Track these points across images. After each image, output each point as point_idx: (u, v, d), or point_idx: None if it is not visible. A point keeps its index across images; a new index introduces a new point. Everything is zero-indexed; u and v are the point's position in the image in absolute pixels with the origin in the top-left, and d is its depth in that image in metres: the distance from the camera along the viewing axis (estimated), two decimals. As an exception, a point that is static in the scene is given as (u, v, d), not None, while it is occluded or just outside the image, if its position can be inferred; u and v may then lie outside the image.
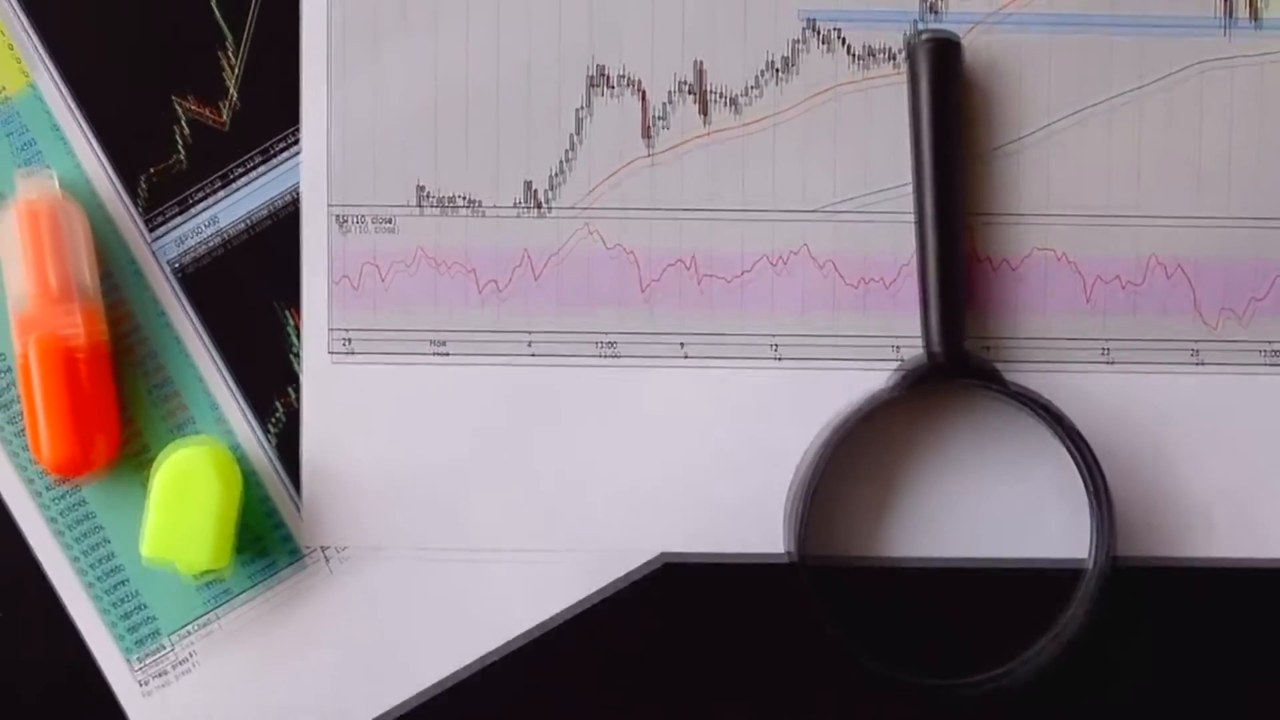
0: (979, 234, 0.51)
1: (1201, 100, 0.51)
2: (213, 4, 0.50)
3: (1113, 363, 0.51)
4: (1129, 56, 0.51)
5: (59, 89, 0.50)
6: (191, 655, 0.50)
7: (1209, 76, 0.51)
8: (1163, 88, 0.51)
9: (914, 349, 0.50)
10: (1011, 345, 0.51)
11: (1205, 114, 0.51)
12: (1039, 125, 0.51)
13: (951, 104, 0.50)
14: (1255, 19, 0.51)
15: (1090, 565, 0.50)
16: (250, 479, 0.51)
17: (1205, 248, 0.51)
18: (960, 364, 0.50)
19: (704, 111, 0.51)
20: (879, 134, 0.51)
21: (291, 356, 0.50)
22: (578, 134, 0.50)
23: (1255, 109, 0.51)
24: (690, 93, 0.51)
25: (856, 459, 0.50)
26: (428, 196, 0.50)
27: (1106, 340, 0.51)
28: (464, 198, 0.50)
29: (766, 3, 0.50)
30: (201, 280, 0.51)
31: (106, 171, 0.50)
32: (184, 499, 0.48)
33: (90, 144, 0.50)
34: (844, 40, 0.51)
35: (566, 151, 0.50)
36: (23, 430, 0.49)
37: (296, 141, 0.50)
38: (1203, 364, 0.51)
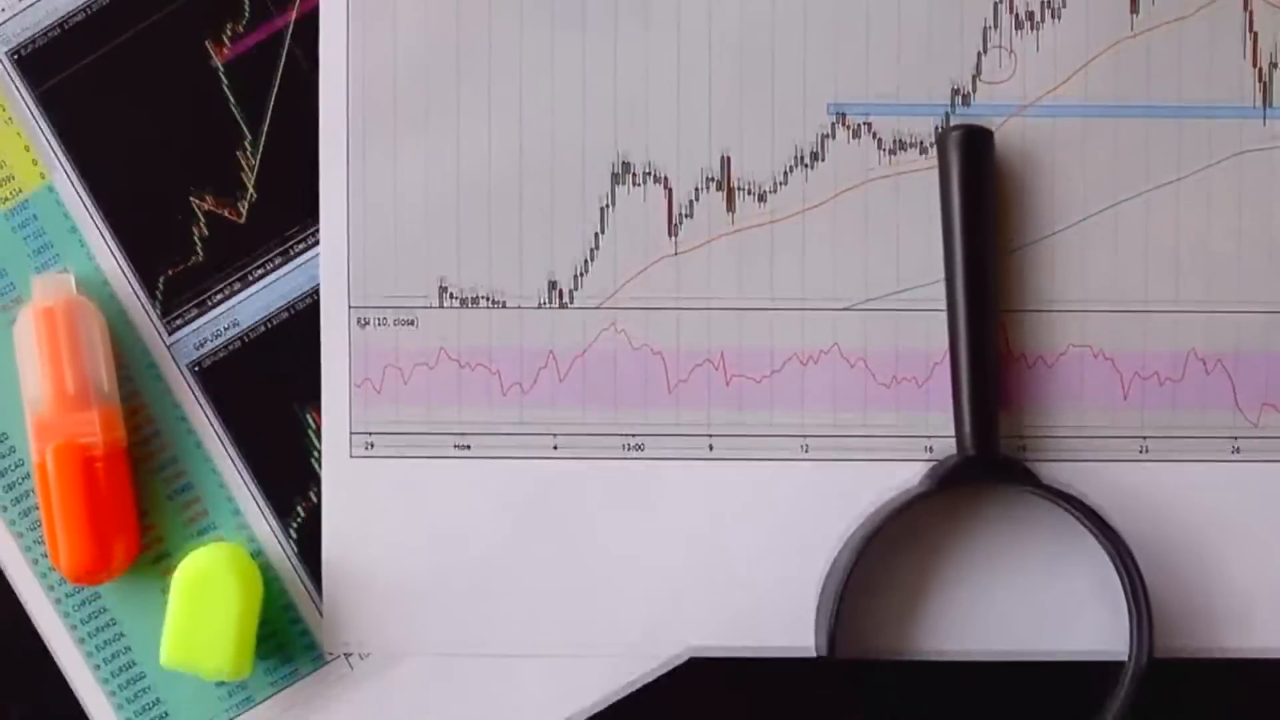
0: (1013, 329, 0.50)
1: (1241, 188, 0.50)
2: (230, 100, 0.49)
3: (1150, 456, 0.50)
4: (1166, 145, 0.50)
5: (76, 187, 0.49)
6: (212, 761, 0.50)
7: (1248, 163, 0.50)
8: (1201, 176, 0.50)
9: (947, 445, 0.49)
10: (1046, 441, 0.50)
11: (1245, 202, 0.50)
12: (1074, 218, 0.50)
13: (983, 197, 0.49)
14: (1295, 106, 0.50)
15: (1129, 661, 0.49)
16: (271, 582, 0.50)
17: (1246, 341, 0.50)
18: (993, 464, 0.48)
19: (731, 205, 0.50)
20: (910, 227, 0.50)
21: (312, 457, 0.49)
22: (602, 229, 0.49)
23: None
24: (717, 186, 0.50)
25: (889, 556, 0.49)
26: (450, 293, 0.49)
27: (1144, 435, 0.50)
28: (487, 294, 0.50)
29: (794, 94, 0.49)
30: (220, 380, 0.50)
31: (124, 270, 0.49)
32: (203, 605, 0.47)
33: (107, 243, 0.49)
34: (873, 131, 0.50)
35: (591, 247, 0.49)
36: (41, 533, 0.49)
37: (316, 239, 0.49)
38: (1242, 457, 0.50)
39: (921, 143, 0.50)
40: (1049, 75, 0.50)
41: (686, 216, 0.50)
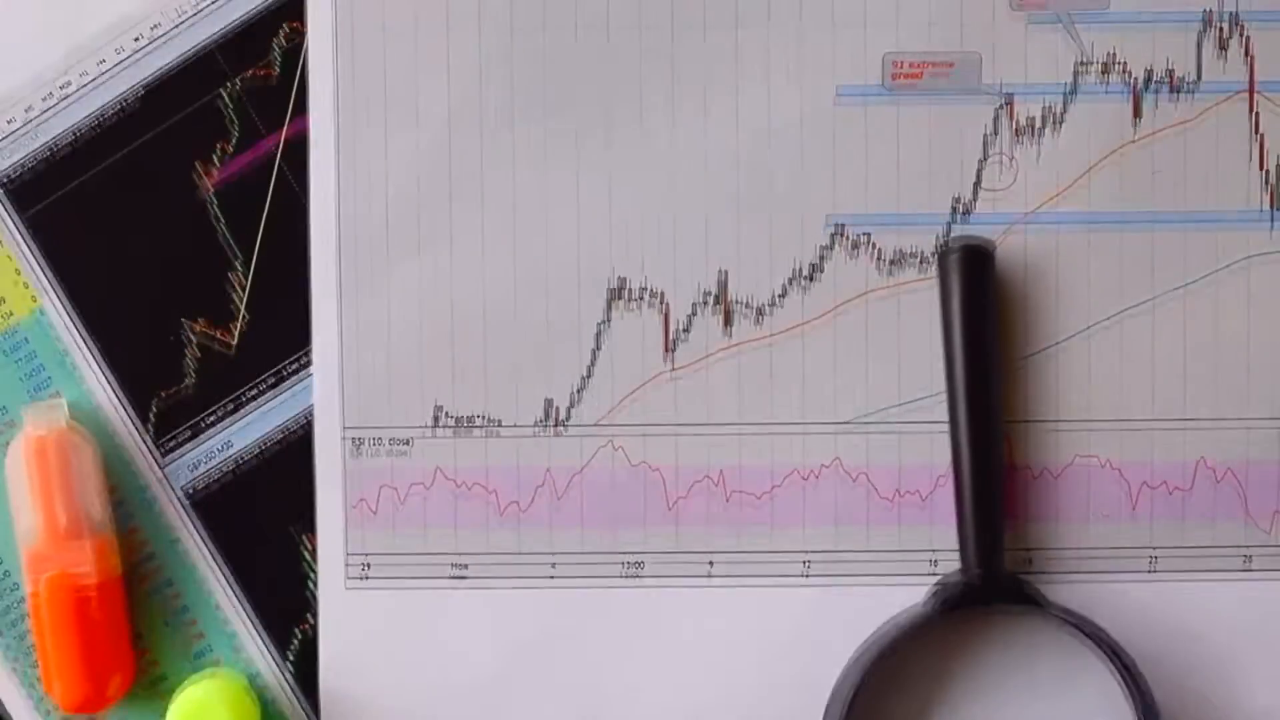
0: (1018, 442, 0.49)
1: (1249, 296, 0.49)
2: (220, 224, 0.49)
3: (1159, 571, 0.49)
4: (1172, 254, 0.49)
5: (67, 314, 0.49)
6: None
7: (1256, 270, 0.49)
8: (1208, 284, 0.49)
9: (952, 562, 0.48)
10: (1053, 556, 0.49)
11: (1253, 310, 0.49)
12: (1078, 328, 0.49)
13: (985, 312, 0.48)
14: (1303, 211, 0.49)
15: (1140, 781, 0.48)
16: (268, 709, 0.49)
17: (1257, 450, 0.49)
18: (998, 586, 0.48)
19: (728, 323, 0.49)
20: (910, 341, 0.49)
21: (309, 582, 0.49)
22: (598, 349, 0.49)
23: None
24: (714, 304, 0.49)
25: (893, 680, 0.48)
26: (445, 416, 0.49)
27: (1153, 549, 0.49)
28: (482, 417, 0.49)
29: (792, 210, 0.49)
30: (215, 506, 0.49)
31: (116, 397, 0.49)
32: (200, 738, 0.47)
33: (99, 369, 0.49)
34: (873, 245, 0.49)
35: (587, 367, 0.49)
36: (36, 660, 0.48)
37: (309, 363, 0.49)
38: (1254, 570, 0.49)
39: (922, 255, 0.49)
40: (1051, 184, 0.49)
41: (683, 335, 0.49)
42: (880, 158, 0.49)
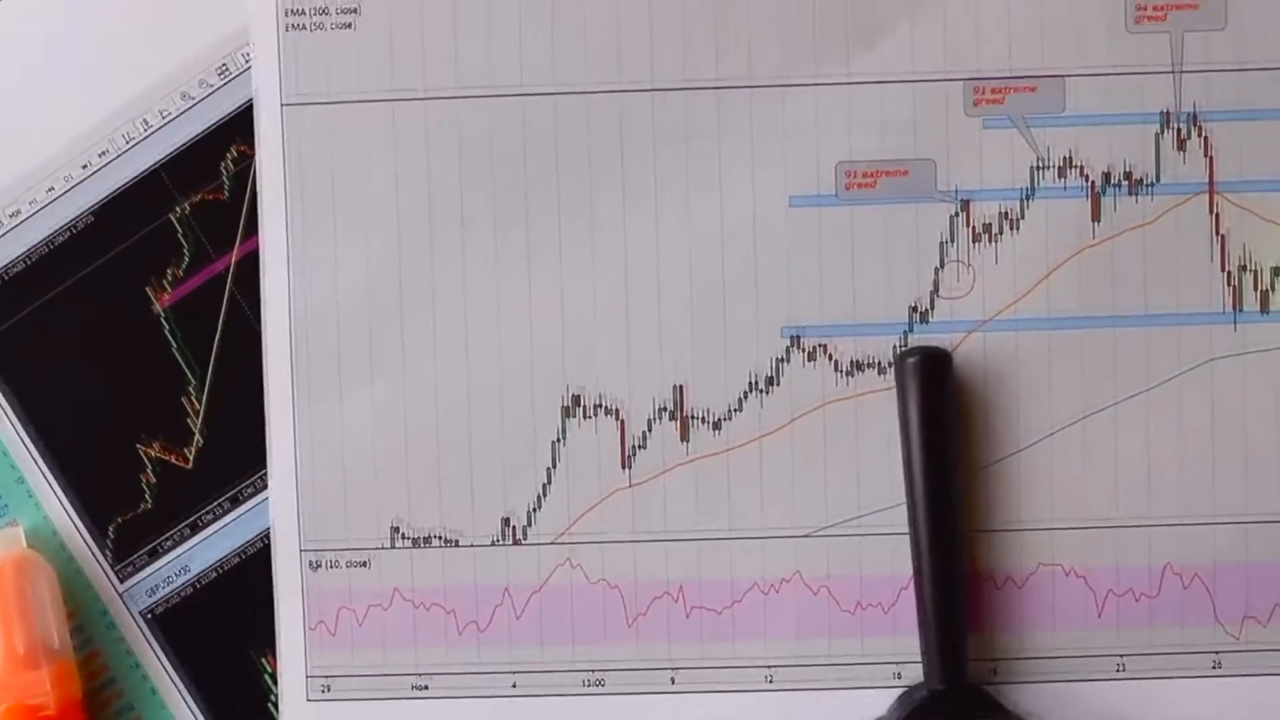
0: (980, 550, 0.48)
1: (1212, 396, 0.48)
2: (173, 345, 0.48)
3: (1127, 674, 0.48)
4: (1134, 356, 0.48)
5: (22, 437, 0.49)
6: None
7: (1219, 371, 0.48)
8: (1171, 385, 0.48)
9: (916, 671, 0.48)
10: (1019, 663, 0.48)
11: (1217, 410, 0.48)
12: (1041, 433, 0.48)
13: (943, 420, 0.47)
14: (1265, 309, 0.48)
15: None
16: (232, 830, 0.49)
17: (1224, 552, 0.48)
18: (962, 696, 0.47)
19: (685, 435, 0.48)
20: (870, 450, 0.48)
21: (270, 702, 0.49)
22: (554, 463, 0.48)
23: (1270, 402, 0.48)
24: (670, 416, 0.48)
25: (859, 791, 0.48)
26: (402, 534, 0.49)
27: (1120, 654, 0.48)
28: (440, 534, 0.49)
29: (748, 319, 0.48)
30: (175, 628, 0.49)
31: (74, 521, 0.49)
32: None
33: (56, 492, 0.49)
34: (830, 353, 0.48)
35: (543, 482, 0.48)
36: (1, 783, 0.48)
37: (265, 482, 0.48)
38: (1224, 672, 0.48)
39: (880, 363, 0.48)
40: (1009, 288, 0.48)
41: (640, 448, 0.49)
42: (836, 265, 0.48)
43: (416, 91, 0.48)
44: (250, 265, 0.48)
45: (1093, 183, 0.48)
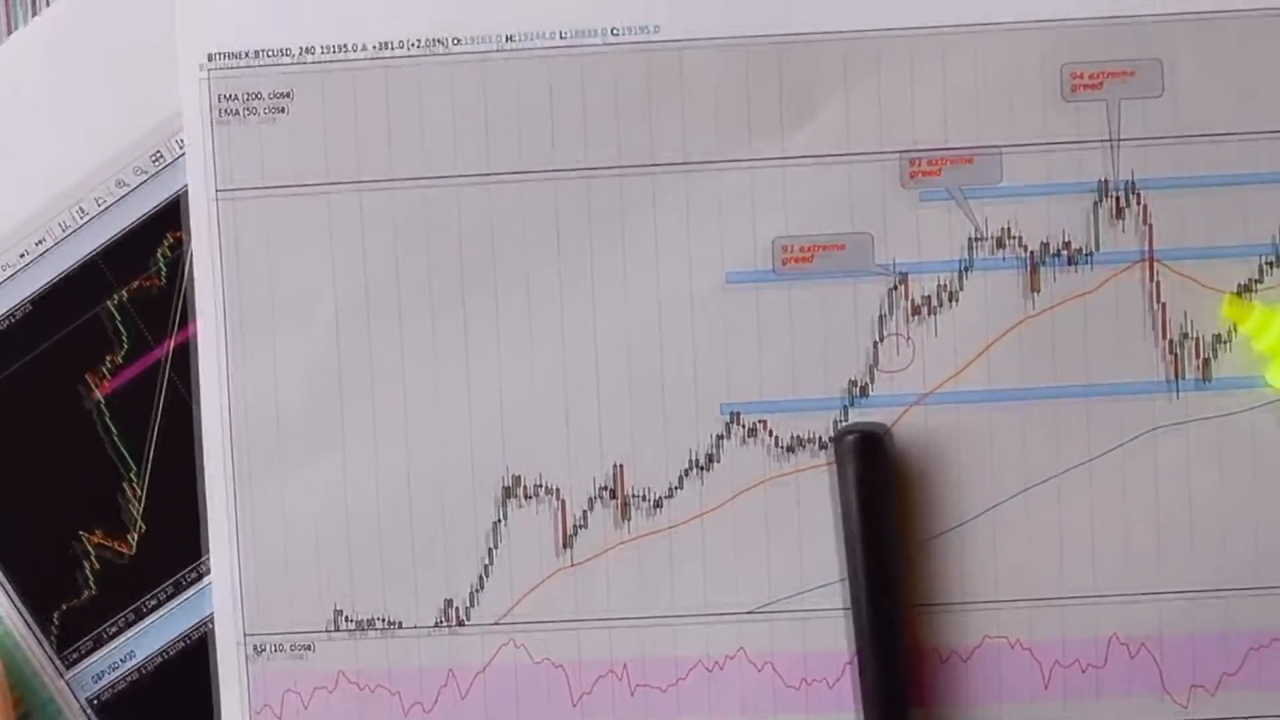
0: (924, 625, 0.48)
1: (1156, 466, 0.48)
2: (112, 434, 0.48)
3: (1077, 747, 0.48)
4: (1076, 428, 0.48)
5: (-35, 529, 0.49)
6: None
7: (1161, 441, 0.48)
8: (1113, 457, 0.48)
9: (863, 746, 0.48)
10: (967, 737, 0.48)
11: (1160, 481, 0.48)
12: (983, 506, 0.48)
13: (882, 497, 0.47)
14: (1206, 378, 0.48)
15: None
16: None
17: (1170, 623, 0.48)
18: (908, 774, 0.47)
19: (625, 515, 0.48)
20: (811, 526, 0.48)
21: (216, 788, 0.49)
22: (495, 545, 0.48)
23: (1213, 471, 0.48)
24: (610, 496, 0.48)
25: None
26: (345, 619, 0.49)
27: (1068, 726, 0.48)
28: (382, 618, 0.49)
29: (685, 398, 0.48)
30: (120, 714, 0.49)
31: (18, 610, 0.49)
32: None
33: (0, 584, 0.49)
34: (769, 430, 0.48)
35: (484, 565, 0.48)
36: None
37: (207, 569, 0.48)
38: (1174, 742, 0.48)
39: (819, 439, 0.48)
40: (949, 361, 0.48)
41: (581, 528, 0.48)
42: (773, 342, 0.48)
43: (350, 179, 0.48)
44: (188, 353, 0.48)
45: (1031, 254, 0.48)
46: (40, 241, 0.48)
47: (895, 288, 0.48)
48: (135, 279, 0.49)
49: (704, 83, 0.48)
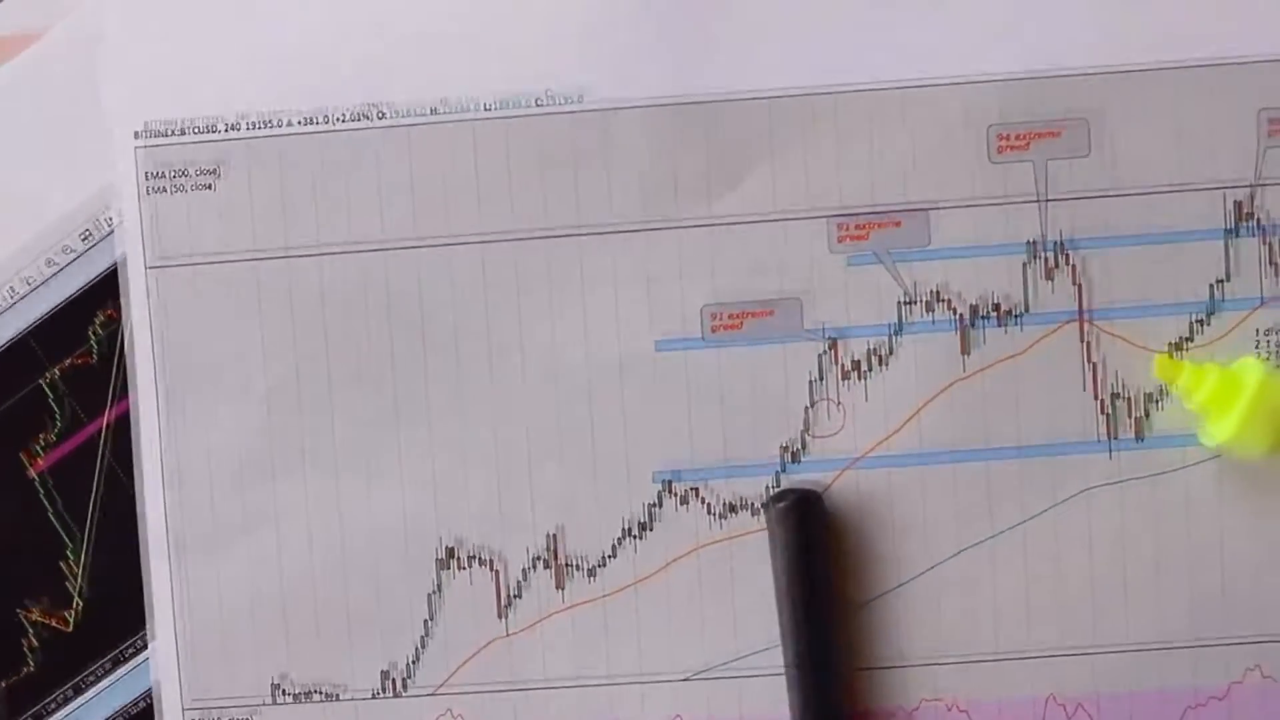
0: (861, 688, 0.48)
1: (1090, 526, 0.48)
2: (49, 509, 0.49)
3: (1017, 806, 0.48)
4: (1010, 489, 0.48)
5: (-94, 604, 0.49)
6: None
7: (1096, 500, 0.48)
8: (1048, 517, 0.48)
9: (803, 809, 0.48)
10: (906, 798, 0.48)
11: (1096, 540, 0.48)
12: (919, 569, 0.48)
13: (815, 562, 0.47)
14: (1139, 436, 0.48)
15: None
16: None
17: (1106, 682, 0.48)
18: (845, 840, 0.47)
19: (560, 583, 0.48)
20: (747, 591, 0.48)
21: None
22: (431, 616, 0.49)
23: (1149, 529, 0.48)
24: (545, 564, 0.48)
25: None
26: (285, 688, 0.49)
27: (1007, 786, 0.48)
28: (321, 688, 0.49)
29: (620, 466, 0.48)
30: (64, 786, 0.50)
31: (-40, 685, 0.49)
32: None
33: (-58, 658, 0.49)
34: (702, 497, 0.48)
35: (421, 634, 0.49)
36: None
37: (147, 643, 0.49)
38: (1114, 800, 0.48)
39: (753, 504, 0.48)
40: (881, 424, 0.48)
41: (516, 597, 0.49)
42: (705, 408, 0.48)
43: (279, 249, 0.48)
44: (125, 426, 0.49)
45: (961, 316, 0.48)
46: (-29, 321, 0.49)
47: (826, 352, 0.48)
48: (69, 356, 0.49)
49: (630, 148, 0.48)
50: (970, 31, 0.47)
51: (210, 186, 0.48)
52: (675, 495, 0.48)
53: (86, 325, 0.49)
